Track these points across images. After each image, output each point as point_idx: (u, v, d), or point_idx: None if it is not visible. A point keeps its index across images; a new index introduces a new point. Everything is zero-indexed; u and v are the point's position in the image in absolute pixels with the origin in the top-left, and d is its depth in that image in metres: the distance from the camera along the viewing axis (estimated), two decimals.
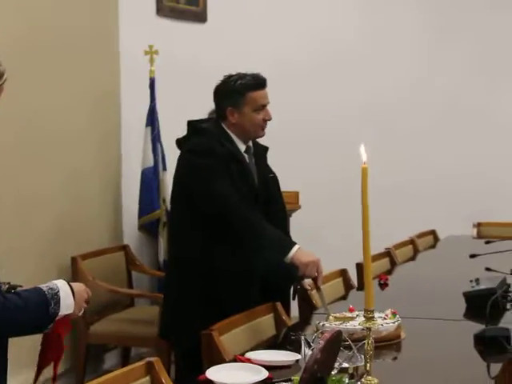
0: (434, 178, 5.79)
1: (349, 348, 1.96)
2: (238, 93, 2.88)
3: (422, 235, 4.66)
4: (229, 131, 2.93)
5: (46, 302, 1.73)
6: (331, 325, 2.37)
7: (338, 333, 1.73)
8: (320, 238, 5.63)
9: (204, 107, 3.55)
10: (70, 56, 4.35)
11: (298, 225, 5.11)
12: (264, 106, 2.92)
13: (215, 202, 2.75)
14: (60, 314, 1.75)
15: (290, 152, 5.59)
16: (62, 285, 1.79)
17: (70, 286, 1.82)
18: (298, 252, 2.69)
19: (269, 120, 2.93)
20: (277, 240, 2.73)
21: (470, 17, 5.82)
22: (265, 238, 2.73)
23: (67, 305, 1.78)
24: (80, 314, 1.86)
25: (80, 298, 1.84)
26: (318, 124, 5.84)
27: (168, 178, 4.61)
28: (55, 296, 1.74)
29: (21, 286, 1.92)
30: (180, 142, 3.00)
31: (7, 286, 1.89)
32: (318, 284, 2.71)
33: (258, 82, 2.90)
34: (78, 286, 1.86)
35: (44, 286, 1.76)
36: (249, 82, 2.89)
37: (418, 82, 5.85)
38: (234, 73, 2.94)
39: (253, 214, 2.76)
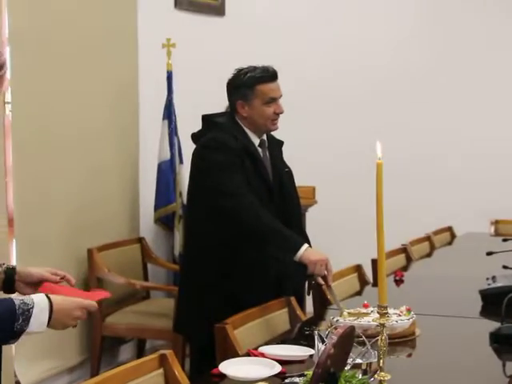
0: (452, 173, 5.76)
1: (362, 344, 1.96)
2: (247, 86, 2.87)
3: (438, 232, 4.63)
4: (243, 125, 2.92)
5: (14, 317, 1.62)
6: (345, 320, 2.37)
7: (352, 328, 1.73)
8: (336, 233, 5.64)
9: (221, 101, 3.55)
10: (88, 49, 4.36)
11: (314, 220, 5.13)
12: (274, 99, 2.89)
13: (227, 199, 2.75)
14: (28, 331, 1.65)
15: (306, 147, 5.59)
16: (39, 300, 1.68)
17: (50, 302, 1.69)
18: (307, 251, 2.69)
19: (280, 113, 2.90)
20: (286, 239, 2.73)
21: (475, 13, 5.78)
22: (274, 237, 2.73)
23: (40, 322, 1.67)
24: (66, 328, 1.75)
25: (65, 316, 1.72)
26: (334, 118, 5.83)
27: (184, 172, 4.62)
28: (26, 312, 1.64)
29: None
30: (195, 137, 3.00)
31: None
32: (328, 282, 2.71)
33: (268, 75, 2.88)
34: (69, 304, 1.75)
35: (18, 299, 1.66)
36: (258, 75, 2.87)
37: (432, 74, 5.80)
38: (245, 66, 2.93)
39: (264, 212, 2.75)
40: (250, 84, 2.87)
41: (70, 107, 4.24)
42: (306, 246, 2.70)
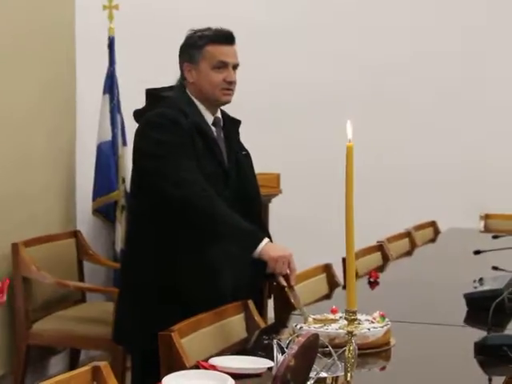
0: (435, 162, 5.81)
1: (329, 355, 1.96)
2: (195, 46, 2.86)
3: (420, 227, 4.67)
4: (194, 99, 2.89)
5: None
6: (310, 328, 2.37)
7: (315, 337, 1.73)
8: (304, 227, 5.66)
9: (173, 73, 3.52)
10: (17, 12, 4.29)
11: (278, 212, 5.15)
12: (225, 64, 2.85)
13: (175, 186, 2.72)
14: None
15: (269, 128, 5.59)
16: None
17: None
18: (267, 246, 2.68)
19: (231, 82, 2.86)
20: (243, 233, 2.71)
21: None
22: (230, 231, 2.72)
23: None
24: None
25: None
26: (301, 97, 5.83)
27: (128, 155, 4.58)
28: None
29: None
30: (138, 114, 2.96)
31: None
32: (291, 282, 2.70)
33: (220, 35, 2.86)
34: None
35: None
36: (208, 34, 2.86)
37: (417, 59, 5.85)
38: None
39: (218, 202, 2.74)
40: (198, 44, 2.85)
41: None
42: (266, 240, 2.70)
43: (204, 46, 2.85)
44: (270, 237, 2.86)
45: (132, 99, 3.87)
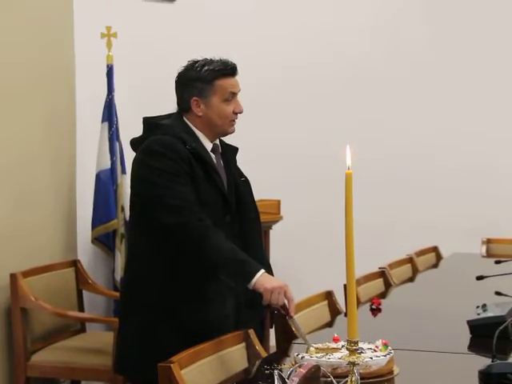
0: (438, 185, 5.80)
1: None
2: (205, 80, 2.87)
3: (422, 252, 4.66)
4: (192, 127, 2.90)
5: None
6: (312, 357, 2.35)
7: (316, 368, 1.71)
8: (305, 253, 5.63)
9: (171, 101, 3.54)
10: (17, 40, 4.30)
11: (279, 239, 5.12)
12: (234, 94, 2.91)
13: (172, 215, 2.72)
14: None
15: (270, 155, 5.58)
16: None
17: None
18: (262, 277, 2.67)
19: (239, 113, 2.91)
20: (239, 264, 2.70)
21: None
22: (225, 262, 2.71)
23: None
24: None
25: None
26: (300, 123, 5.83)
27: (127, 183, 4.58)
28: None
29: None
30: (135, 143, 2.97)
31: None
32: (290, 313, 2.69)
33: (228, 68, 2.90)
34: None
35: None
36: (217, 68, 2.88)
37: (417, 68, 5.86)
38: (200, 58, 2.93)
39: (215, 232, 2.73)
40: (208, 78, 2.87)
41: None
42: (261, 271, 2.68)
43: (214, 80, 2.87)
44: (268, 265, 2.87)
45: (130, 126, 3.88)
